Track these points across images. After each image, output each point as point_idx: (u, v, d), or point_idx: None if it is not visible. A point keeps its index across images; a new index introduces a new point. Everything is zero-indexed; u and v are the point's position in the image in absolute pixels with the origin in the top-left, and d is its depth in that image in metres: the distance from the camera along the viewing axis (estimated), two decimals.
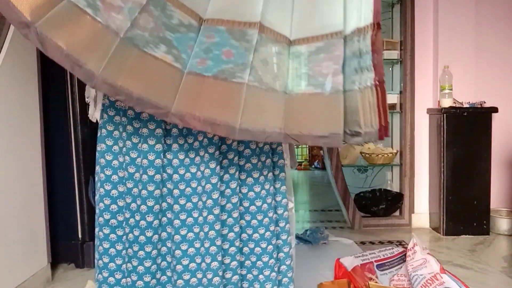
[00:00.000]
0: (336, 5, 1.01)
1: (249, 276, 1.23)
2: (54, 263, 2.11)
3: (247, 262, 1.22)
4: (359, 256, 1.87)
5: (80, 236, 2.16)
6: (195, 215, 1.16)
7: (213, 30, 1.01)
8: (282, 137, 1.01)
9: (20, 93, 1.81)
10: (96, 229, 1.19)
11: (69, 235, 2.15)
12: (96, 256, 1.20)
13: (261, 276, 1.22)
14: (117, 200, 1.17)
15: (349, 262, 1.81)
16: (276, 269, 1.22)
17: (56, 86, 2.10)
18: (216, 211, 1.15)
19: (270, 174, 1.22)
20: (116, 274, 1.19)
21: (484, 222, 2.72)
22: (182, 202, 1.16)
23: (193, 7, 1.01)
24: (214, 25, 1.01)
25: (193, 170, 1.16)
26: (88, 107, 2.14)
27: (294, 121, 1.01)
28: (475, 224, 2.72)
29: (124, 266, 1.19)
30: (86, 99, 2.07)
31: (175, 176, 1.15)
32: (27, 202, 1.84)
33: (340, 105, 0.99)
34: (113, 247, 1.18)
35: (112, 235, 1.18)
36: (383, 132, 1.00)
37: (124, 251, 1.18)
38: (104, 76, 0.94)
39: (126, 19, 0.96)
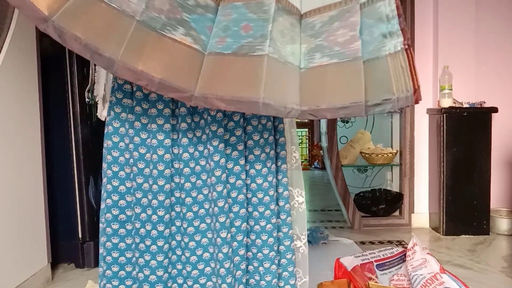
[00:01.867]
0: None
1: (250, 267, 1.24)
2: (54, 263, 2.11)
3: (248, 254, 1.23)
4: (359, 256, 1.87)
5: (80, 236, 2.16)
6: (206, 206, 1.18)
7: (230, 7, 1.01)
8: (299, 113, 0.98)
9: (20, 93, 1.81)
10: (103, 225, 1.19)
11: (69, 235, 2.15)
12: (103, 252, 1.20)
13: (261, 268, 1.22)
14: (125, 196, 1.18)
15: (349, 262, 1.81)
16: (276, 261, 1.23)
17: (56, 86, 2.10)
18: (221, 203, 1.16)
19: (273, 166, 1.23)
20: (127, 267, 1.20)
21: (484, 222, 2.72)
22: (194, 194, 1.17)
23: None
24: (230, 2, 1.01)
25: (203, 163, 1.17)
26: (88, 108, 2.15)
27: (310, 95, 0.99)
28: (475, 224, 2.72)
29: (134, 259, 1.20)
30: (87, 100, 2.08)
31: (186, 170, 1.16)
32: (27, 202, 1.85)
33: (360, 72, 0.96)
34: (123, 241, 1.19)
35: (122, 230, 1.19)
36: (418, 94, 0.98)
37: (134, 245, 1.19)
38: (124, 61, 0.94)
39: (141, 1, 0.96)
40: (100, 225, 1.20)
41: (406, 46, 0.96)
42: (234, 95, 0.96)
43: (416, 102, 0.99)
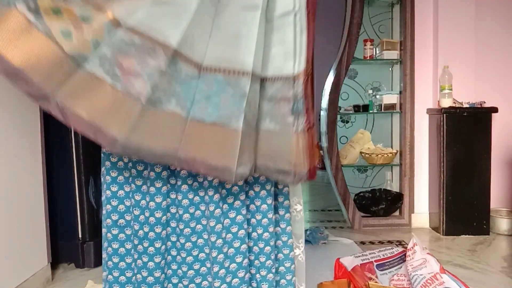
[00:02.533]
0: (248, 47, 1.04)
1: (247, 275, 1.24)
2: (54, 263, 2.11)
3: (245, 261, 1.23)
4: (359, 256, 1.87)
5: (80, 236, 2.16)
6: (203, 208, 1.19)
7: (212, 78, 1.03)
8: (249, 173, 1.06)
9: (20, 92, 1.81)
10: (104, 230, 1.21)
11: (69, 235, 2.15)
12: (105, 256, 1.21)
13: (258, 276, 1.23)
14: (124, 200, 1.19)
15: (349, 262, 1.81)
16: (273, 270, 1.23)
17: None
18: (211, 207, 1.16)
19: None
20: (127, 272, 1.21)
21: (484, 222, 2.72)
22: (190, 196, 1.18)
23: (195, 57, 1.03)
24: (212, 73, 1.03)
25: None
26: None
27: (264, 157, 1.09)
28: (475, 224, 2.72)
29: (133, 264, 1.20)
30: None
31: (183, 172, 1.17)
32: (27, 202, 1.85)
33: (297, 142, 1.05)
34: (123, 246, 1.20)
35: (121, 235, 1.20)
36: (312, 173, 1.10)
37: (133, 250, 1.20)
38: (130, 140, 0.96)
39: (145, 83, 0.97)
40: (102, 230, 1.22)
41: (308, 126, 1.07)
42: (212, 162, 1.03)
43: (310, 179, 1.11)
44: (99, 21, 0.94)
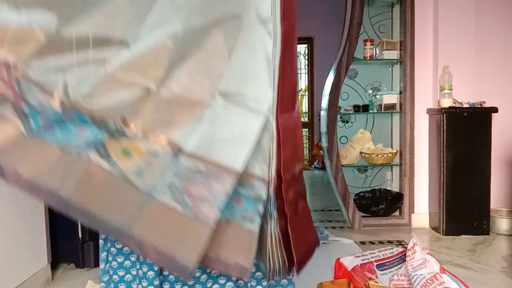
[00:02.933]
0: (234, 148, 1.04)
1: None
2: (54, 263, 2.11)
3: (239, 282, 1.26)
4: (359, 256, 1.87)
5: (80, 236, 2.16)
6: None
7: None
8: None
9: None
10: (103, 242, 1.22)
11: (69, 235, 2.15)
12: (110, 271, 1.22)
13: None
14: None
15: (349, 262, 1.81)
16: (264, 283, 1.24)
17: None
18: None
19: None
20: (134, 284, 1.21)
21: (484, 222, 2.72)
22: None
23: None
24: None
25: None
26: None
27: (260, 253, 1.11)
28: (475, 224, 2.72)
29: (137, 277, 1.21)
30: None
31: None
32: (27, 202, 1.84)
33: (251, 241, 1.05)
34: (129, 273, 1.21)
35: (126, 248, 1.20)
36: (297, 268, 1.12)
37: (137, 262, 1.21)
38: (197, 264, 0.98)
39: (212, 206, 0.98)
40: (100, 241, 1.23)
41: (281, 228, 1.08)
42: (225, 259, 1.04)
43: (288, 272, 1.13)
44: (163, 151, 0.96)
